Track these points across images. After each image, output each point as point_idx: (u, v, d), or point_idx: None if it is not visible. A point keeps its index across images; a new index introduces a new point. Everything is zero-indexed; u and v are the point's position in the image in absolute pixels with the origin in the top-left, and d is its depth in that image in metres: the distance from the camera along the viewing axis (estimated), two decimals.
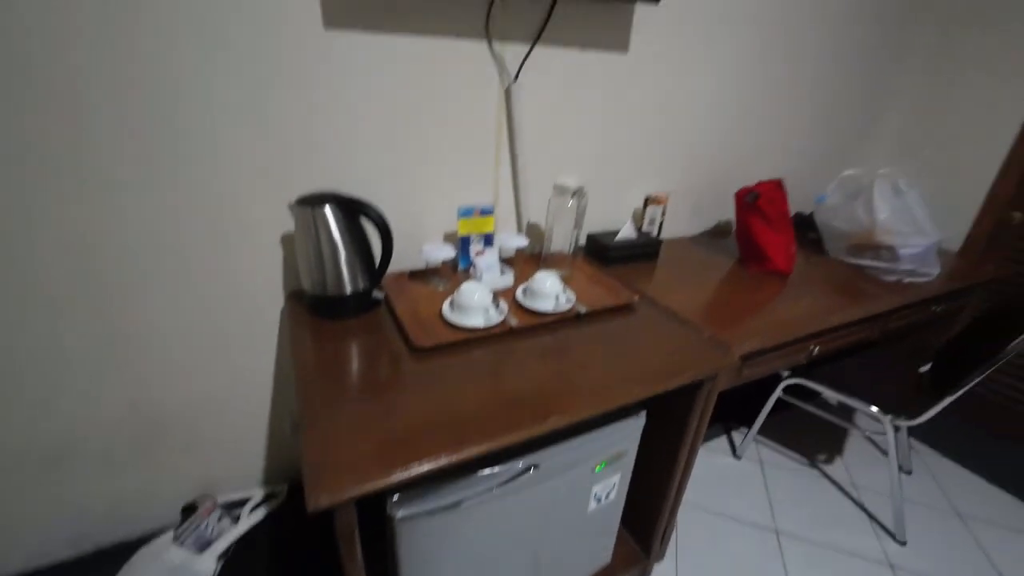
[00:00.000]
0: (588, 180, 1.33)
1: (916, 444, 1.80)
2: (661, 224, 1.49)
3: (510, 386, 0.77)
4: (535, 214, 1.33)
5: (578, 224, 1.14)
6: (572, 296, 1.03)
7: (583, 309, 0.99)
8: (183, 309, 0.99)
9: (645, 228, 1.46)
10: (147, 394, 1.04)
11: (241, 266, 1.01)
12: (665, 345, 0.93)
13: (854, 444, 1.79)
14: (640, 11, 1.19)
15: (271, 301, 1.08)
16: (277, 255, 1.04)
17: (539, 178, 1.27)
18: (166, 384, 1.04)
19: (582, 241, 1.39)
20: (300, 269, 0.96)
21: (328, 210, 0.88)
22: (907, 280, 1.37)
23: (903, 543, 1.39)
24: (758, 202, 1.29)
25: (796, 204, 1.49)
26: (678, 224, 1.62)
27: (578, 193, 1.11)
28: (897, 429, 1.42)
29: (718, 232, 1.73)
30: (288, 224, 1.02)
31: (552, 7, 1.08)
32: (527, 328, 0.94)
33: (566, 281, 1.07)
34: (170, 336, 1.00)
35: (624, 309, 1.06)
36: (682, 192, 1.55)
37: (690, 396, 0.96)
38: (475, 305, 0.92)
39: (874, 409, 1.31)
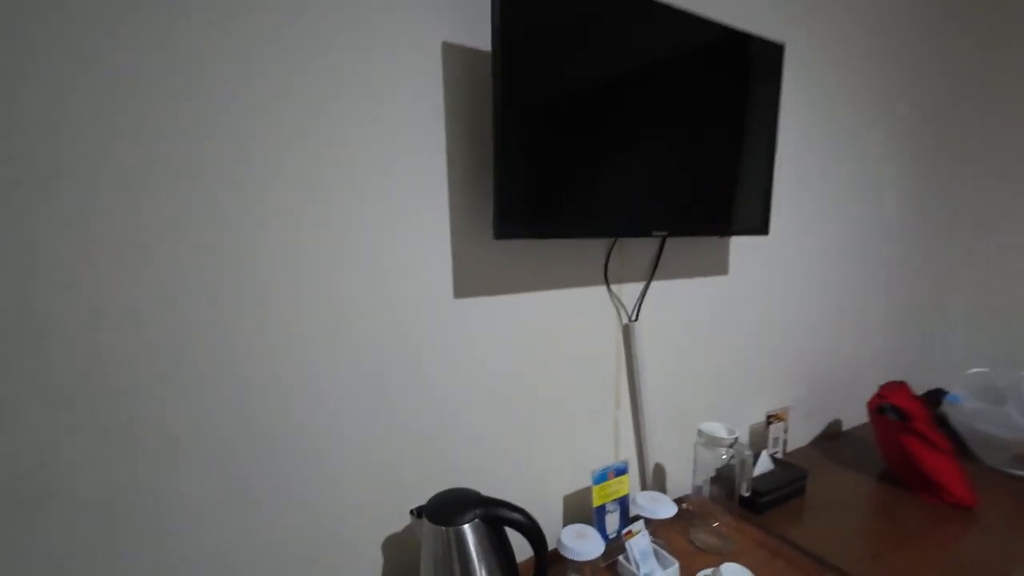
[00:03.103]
0: (704, 405, 1.19)
1: None
2: (785, 442, 1.30)
3: None
4: (659, 454, 1.13)
5: (744, 480, 0.93)
6: None
7: None
8: None
9: (770, 449, 1.26)
10: None
11: None
12: None
13: None
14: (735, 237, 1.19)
15: None
16: (375, 566, 0.80)
17: (659, 412, 1.11)
18: None
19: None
20: None
21: (469, 531, 0.68)
22: None
23: None
24: (914, 423, 1.12)
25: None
26: (793, 435, 1.42)
27: (735, 446, 0.93)
28: None
29: (830, 435, 1.54)
30: (393, 525, 0.80)
31: (661, 248, 1.06)
32: None
33: (736, 556, 0.81)
34: None
35: None
36: (794, 402, 1.39)
37: None
38: None
39: None
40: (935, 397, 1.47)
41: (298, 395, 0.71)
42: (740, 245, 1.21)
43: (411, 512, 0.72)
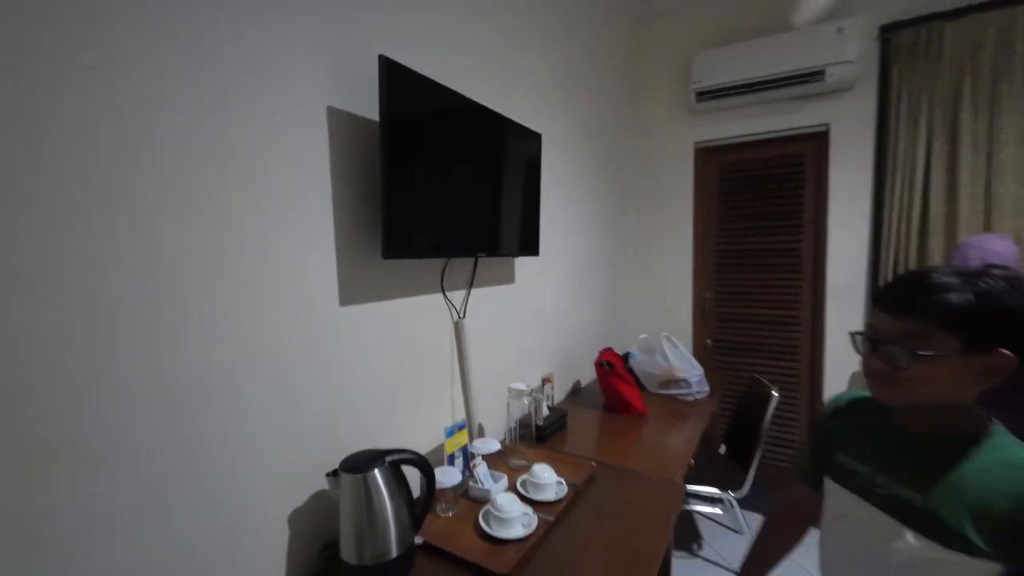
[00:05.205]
0: (504, 373, 1.66)
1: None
2: (552, 396, 1.91)
3: None
4: (482, 415, 1.53)
5: (539, 416, 1.42)
6: (562, 479, 1.26)
7: (577, 487, 1.24)
8: None
9: (545, 401, 1.84)
10: None
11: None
12: (643, 496, 1.25)
13: (703, 525, 2.36)
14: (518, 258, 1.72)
15: None
16: (281, 538, 0.93)
17: (480, 383, 1.52)
18: None
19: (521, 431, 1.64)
20: (345, 542, 0.90)
21: (379, 474, 0.92)
22: (698, 397, 2.12)
23: None
24: (616, 369, 1.86)
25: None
26: (557, 390, 2.06)
27: (533, 393, 1.41)
28: (732, 502, 2.04)
29: (575, 390, 2.27)
30: (296, 501, 0.95)
31: (475, 265, 1.48)
32: (554, 521, 1.11)
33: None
34: None
35: (592, 477, 1.34)
36: (556, 368, 2.03)
37: None
38: (516, 515, 1.05)
39: (730, 493, 1.89)
40: (627, 355, 2.36)
41: (216, 400, 0.81)
42: (522, 263, 1.74)
43: (327, 475, 0.90)
